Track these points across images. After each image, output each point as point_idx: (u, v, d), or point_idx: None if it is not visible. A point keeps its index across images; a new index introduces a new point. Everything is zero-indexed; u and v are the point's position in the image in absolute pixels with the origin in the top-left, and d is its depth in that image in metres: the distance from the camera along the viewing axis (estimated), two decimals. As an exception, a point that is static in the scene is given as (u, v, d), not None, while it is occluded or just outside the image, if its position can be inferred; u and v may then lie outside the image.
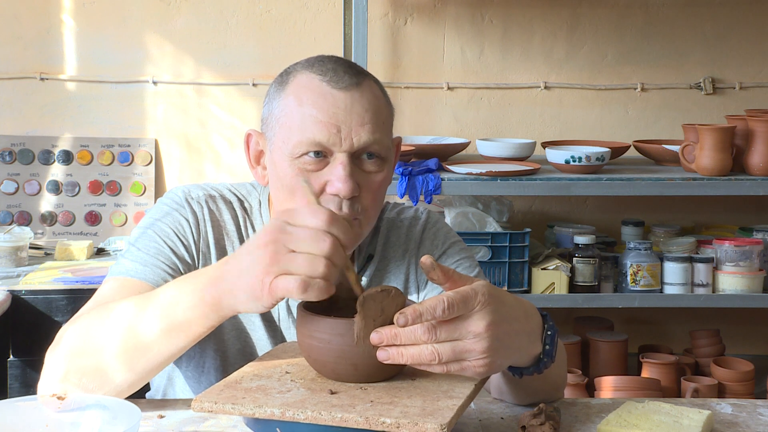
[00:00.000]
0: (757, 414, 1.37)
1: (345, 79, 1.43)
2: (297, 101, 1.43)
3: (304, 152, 1.42)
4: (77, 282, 2.67)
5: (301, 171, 1.42)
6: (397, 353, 1.12)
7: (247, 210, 1.58)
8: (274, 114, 1.48)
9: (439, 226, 1.64)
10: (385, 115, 1.47)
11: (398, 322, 1.11)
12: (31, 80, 3.34)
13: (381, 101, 1.47)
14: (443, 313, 1.10)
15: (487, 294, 1.14)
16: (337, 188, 1.41)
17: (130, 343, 1.25)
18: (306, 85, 1.44)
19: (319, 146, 1.41)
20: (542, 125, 3.46)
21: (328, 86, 1.43)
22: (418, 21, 3.40)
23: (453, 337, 1.12)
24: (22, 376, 2.61)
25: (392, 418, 1.07)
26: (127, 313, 1.26)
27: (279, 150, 1.45)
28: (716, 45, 3.46)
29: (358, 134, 1.41)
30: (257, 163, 1.54)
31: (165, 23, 3.34)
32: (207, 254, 1.52)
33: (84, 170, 3.34)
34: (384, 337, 1.12)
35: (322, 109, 1.41)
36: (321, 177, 1.42)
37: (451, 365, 1.13)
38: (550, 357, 1.26)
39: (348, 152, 1.41)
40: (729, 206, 3.47)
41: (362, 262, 1.59)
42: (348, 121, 1.41)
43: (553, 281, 2.98)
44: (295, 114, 1.43)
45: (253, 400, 1.12)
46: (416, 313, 1.10)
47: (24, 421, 1.14)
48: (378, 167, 1.45)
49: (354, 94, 1.43)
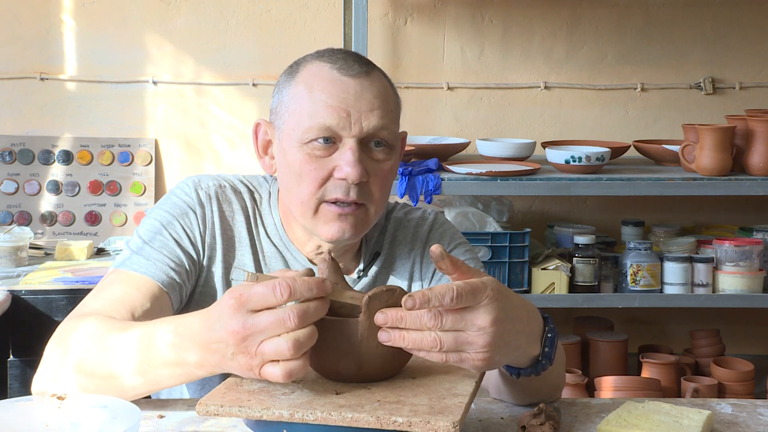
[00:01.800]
0: (757, 414, 1.37)
1: (355, 67, 1.46)
2: (307, 88, 1.45)
3: (313, 138, 1.43)
4: (77, 282, 2.67)
5: (310, 157, 1.44)
6: (399, 336, 1.12)
7: (256, 201, 1.59)
8: (284, 102, 1.49)
9: (446, 227, 1.65)
10: (393, 104, 1.49)
11: (406, 305, 1.10)
12: (31, 80, 3.34)
13: (389, 91, 1.49)
14: (451, 302, 1.10)
15: (495, 289, 1.14)
16: (345, 173, 1.42)
17: (138, 377, 1.24)
18: (316, 73, 1.46)
19: (329, 131, 1.43)
20: (542, 125, 3.46)
21: (338, 73, 1.45)
22: (418, 21, 3.40)
23: (457, 327, 1.12)
24: (22, 376, 2.61)
25: (403, 416, 1.08)
26: (130, 354, 1.24)
27: (288, 137, 1.46)
28: (716, 45, 3.46)
29: (367, 119, 1.43)
30: (265, 153, 1.56)
31: (165, 23, 3.34)
32: (213, 245, 1.53)
33: (84, 170, 3.34)
34: (390, 318, 1.12)
35: (332, 94, 1.43)
36: (329, 162, 1.44)
37: (451, 355, 1.12)
38: (549, 359, 1.26)
39: (357, 137, 1.43)
40: (729, 206, 3.47)
41: (369, 258, 1.60)
42: (357, 107, 1.43)
43: (553, 281, 2.98)
44: (306, 100, 1.45)
45: (259, 402, 1.12)
46: (425, 298, 1.10)
47: (24, 421, 1.14)
48: (386, 155, 1.47)
49: (363, 82, 1.45)
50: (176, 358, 1.19)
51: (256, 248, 1.55)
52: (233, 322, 1.09)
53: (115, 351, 1.25)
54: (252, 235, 1.56)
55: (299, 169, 1.45)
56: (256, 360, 1.09)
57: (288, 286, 1.07)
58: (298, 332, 1.08)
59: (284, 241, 1.56)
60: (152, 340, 1.22)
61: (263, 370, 1.10)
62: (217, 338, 1.11)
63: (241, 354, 1.10)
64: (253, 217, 1.57)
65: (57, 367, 1.30)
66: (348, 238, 1.47)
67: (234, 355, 1.10)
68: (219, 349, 1.12)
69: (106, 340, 1.27)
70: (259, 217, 1.57)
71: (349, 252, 1.58)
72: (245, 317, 1.09)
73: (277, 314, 1.07)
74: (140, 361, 1.22)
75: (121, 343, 1.25)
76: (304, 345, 1.08)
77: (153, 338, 1.22)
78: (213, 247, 1.53)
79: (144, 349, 1.22)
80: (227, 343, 1.10)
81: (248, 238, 1.55)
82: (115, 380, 1.24)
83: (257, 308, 1.09)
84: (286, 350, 1.07)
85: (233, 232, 1.55)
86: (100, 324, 1.30)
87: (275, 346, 1.08)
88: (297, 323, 1.07)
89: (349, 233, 1.46)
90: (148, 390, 1.25)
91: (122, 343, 1.25)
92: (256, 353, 1.09)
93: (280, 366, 1.09)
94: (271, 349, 1.08)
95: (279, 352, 1.08)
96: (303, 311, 1.08)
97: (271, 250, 1.56)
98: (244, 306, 1.09)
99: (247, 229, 1.56)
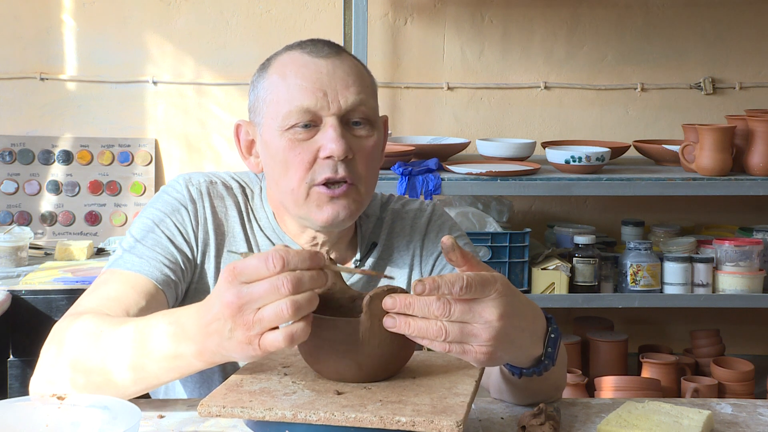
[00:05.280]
0: (757, 414, 1.37)
1: (324, 49, 1.48)
2: (281, 76, 1.47)
3: (294, 123, 1.44)
4: (77, 282, 2.67)
5: (292, 142, 1.44)
6: (405, 323, 1.11)
7: (248, 196, 1.59)
8: (260, 96, 1.50)
9: (444, 218, 1.65)
10: (368, 80, 1.51)
11: (416, 289, 1.09)
12: (31, 80, 3.34)
13: (362, 69, 1.51)
14: (461, 291, 1.09)
15: (504, 285, 1.14)
16: (330, 149, 1.42)
17: (135, 372, 1.24)
18: (287, 61, 1.48)
19: (308, 113, 1.43)
20: (542, 125, 3.46)
21: (309, 56, 1.47)
22: (418, 21, 3.40)
23: (464, 319, 1.11)
24: (22, 376, 2.61)
25: (406, 416, 1.07)
26: (126, 348, 1.24)
27: (269, 127, 1.47)
28: (716, 45, 3.46)
29: (344, 96, 1.45)
30: (249, 153, 1.56)
31: (165, 23, 3.34)
32: (206, 241, 1.53)
33: (84, 170, 3.34)
34: (398, 303, 1.11)
35: (306, 76, 1.45)
36: (313, 144, 1.44)
37: (454, 346, 1.12)
38: (551, 360, 1.26)
39: (337, 115, 1.44)
40: (729, 206, 3.47)
41: (365, 249, 1.60)
42: (333, 84, 1.44)
43: (553, 281, 2.98)
44: (281, 88, 1.46)
45: (261, 403, 1.11)
46: (435, 284, 1.09)
47: (24, 421, 1.14)
48: (368, 132, 1.48)
49: (335, 61, 1.47)
50: (174, 350, 1.18)
51: (250, 243, 1.55)
52: (228, 294, 1.09)
53: (111, 346, 1.25)
54: (245, 230, 1.56)
55: (284, 157, 1.45)
56: (255, 329, 1.08)
57: (281, 257, 1.07)
58: (297, 296, 1.07)
59: (278, 233, 1.56)
60: (149, 333, 1.21)
61: (263, 339, 1.09)
62: (213, 316, 1.11)
63: (239, 328, 1.09)
64: (245, 213, 1.57)
65: (52, 366, 1.30)
66: (342, 219, 1.47)
67: (232, 331, 1.10)
68: (217, 329, 1.11)
69: (101, 336, 1.26)
70: (251, 212, 1.57)
71: (343, 240, 1.57)
72: (239, 287, 1.08)
73: (271, 281, 1.07)
74: (136, 355, 1.22)
75: (116, 339, 1.25)
76: (304, 307, 1.08)
77: (149, 331, 1.21)
78: (206, 243, 1.53)
79: (140, 343, 1.22)
80: (224, 318, 1.10)
81: (242, 233, 1.55)
82: (111, 376, 1.24)
83: (251, 280, 1.08)
84: (285, 311, 1.07)
85: (226, 227, 1.55)
86: (94, 321, 1.30)
87: (274, 309, 1.07)
88: (291, 289, 1.07)
89: (343, 214, 1.46)
90: (144, 386, 1.25)
91: (118, 338, 1.25)
92: (254, 322, 1.08)
93: (281, 330, 1.08)
94: (270, 313, 1.07)
95: (278, 314, 1.07)
96: (297, 278, 1.07)
97: (265, 243, 1.55)
98: (237, 278, 1.08)
99: (241, 224, 1.55)
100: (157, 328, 1.21)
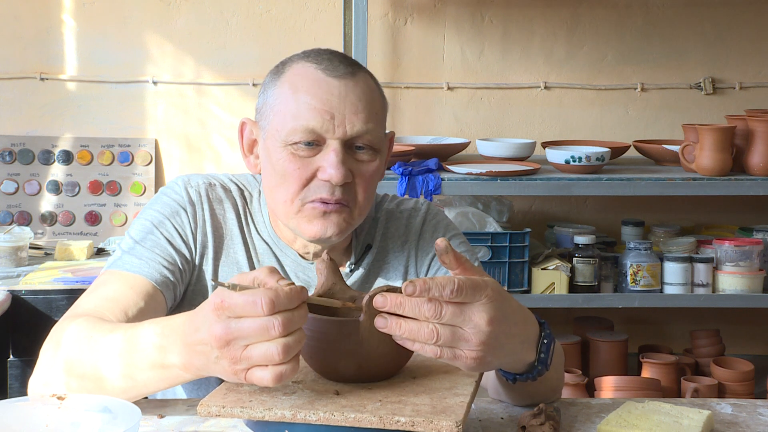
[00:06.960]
0: (757, 414, 1.37)
1: (340, 68, 1.45)
2: (292, 89, 1.45)
3: (297, 140, 1.43)
4: (77, 282, 2.67)
5: (293, 156, 1.44)
6: (397, 324, 1.10)
7: (246, 199, 1.59)
8: (268, 102, 1.49)
9: (439, 218, 1.64)
10: (378, 106, 1.48)
11: (406, 290, 1.09)
12: (31, 80, 3.34)
13: (375, 93, 1.49)
14: (451, 294, 1.09)
15: (495, 290, 1.13)
16: (329, 174, 1.42)
17: (126, 380, 1.23)
18: (301, 73, 1.46)
19: (313, 133, 1.42)
20: (542, 125, 3.46)
21: (323, 74, 1.44)
22: (418, 21, 3.40)
23: (455, 323, 1.11)
24: (22, 376, 2.61)
25: (406, 416, 1.07)
26: (116, 356, 1.23)
27: (272, 137, 1.46)
28: (716, 45, 3.46)
29: (351, 122, 1.43)
30: (250, 152, 1.55)
31: (165, 23, 3.34)
32: (205, 243, 1.53)
33: (84, 170, 3.34)
34: (389, 302, 1.10)
35: (317, 96, 1.43)
36: (313, 163, 1.44)
37: (445, 350, 1.11)
38: (544, 365, 1.26)
39: (341, 140, 1.43)
40: (729, 206, 3.47)
41: (360, 251, 1.59)
42: (342, 109, 1.43)
43: (553, 281, 2.98)
44: (290, 101, 1.44)
45: (260, 403, 1.12)
46: (425, 285, 1.08)
47: (24, 422, 1.14)
48: (370, 157, 1.47)
49: (348, 83, 1.44)
50: (161, 360, 1.18)
51: (248, 245, 1.55)
52: (216, 327, 1.07)
53: (102, 353, 1.24)
54: (243, 232, 1.56)
55: (283, 169, 1.44)
56: (242, 364, 1.08)
57: (270, 300, 1.05)
58: (287, 338, 1.06)
59: (273, 238, 1.56)
60: (137, 342, 1.21)
61: (250, 374, 1.08)
62: (200, 340, 1.10)
63: (225, 359, 1.08)
64: (243, 215, 1.57)
65: (48, 369, 1.30)
66: (329, 237, 1.46)
67: (218, 358, 1.09)
68: (204, 351, 1.11)
69: (93, 343, 1.26)
70: (249, 214, 1.57)
71: (339, 246, 1.57)
72: (228, 322, 1.07)
73: (262, 322, 1.05)
74: (126, 363, 1.21)
75: (106, 346, 1.24)
76: (293, 349, 1.07)
77: (138, 340, 1.21)
78: (204, 245, 1.53)
79: (129, 351, 1.21)
80: (211, 346, 1.09)
81: (240, 236, 1.55)
82: (103, 383, 1.24)
83: (239, 316, 1.07)
84: (275, 355, 1.06)
85: (224, 229, 1.55)
86: (88, 325, 1.29)
87: (264, 351, 1.06)
88: (282, 332, 1.06)
89: (331, 231, 1.45)
90: (135, 394, 1.24)
91: (108, 345, 1.24)
92: (241, 358, 1.07)
93: (270, 370, 1.07)
94: (260, 354, 1.06)
95: (268, 356, 1.06)
96: (288, 320, 1.06)
97: (262, 246, 1.55)
98: (225, 312, 1.07)
99: (239, 226, 1.55)
100: (145, 338, 1.20)
